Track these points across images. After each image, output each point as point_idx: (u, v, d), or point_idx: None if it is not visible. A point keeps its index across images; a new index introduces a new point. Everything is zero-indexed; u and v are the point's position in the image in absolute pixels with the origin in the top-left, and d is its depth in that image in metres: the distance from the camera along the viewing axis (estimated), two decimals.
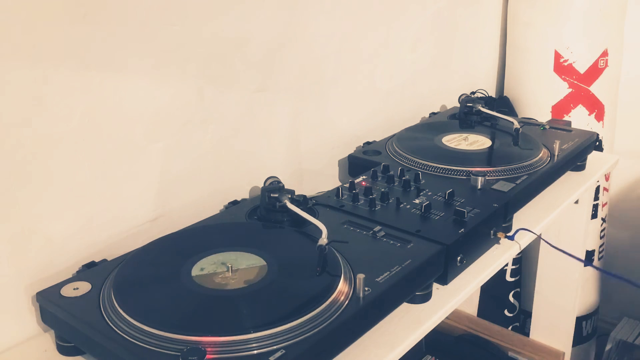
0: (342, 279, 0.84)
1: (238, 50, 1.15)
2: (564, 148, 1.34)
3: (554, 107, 1.84)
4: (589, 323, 2.04)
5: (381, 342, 0.84)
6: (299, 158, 1.34)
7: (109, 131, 0.98)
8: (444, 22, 1.70)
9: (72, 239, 0.96)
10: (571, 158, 1.34)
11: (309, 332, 0.75)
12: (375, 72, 1.50)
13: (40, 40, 0.86)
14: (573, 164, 1.38)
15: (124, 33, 0.96)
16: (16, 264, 0.90)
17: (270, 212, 1.04)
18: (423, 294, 0.93)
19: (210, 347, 0.71)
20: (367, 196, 1.10)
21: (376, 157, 1.31)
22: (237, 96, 1.17)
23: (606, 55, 1.82)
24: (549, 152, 1.31)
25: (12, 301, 0.90)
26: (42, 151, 0.90)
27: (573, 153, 1.34)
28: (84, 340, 0.80)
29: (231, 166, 1.19)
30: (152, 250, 0.94)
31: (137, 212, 1.05)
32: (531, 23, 1.84)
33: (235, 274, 0.86)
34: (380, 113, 1.54)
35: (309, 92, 1.33)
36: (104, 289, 0.85)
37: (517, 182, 1.18)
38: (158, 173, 1.07)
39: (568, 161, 1.33)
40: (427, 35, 1.65)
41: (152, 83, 1.02)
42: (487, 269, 1.03)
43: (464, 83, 1.85)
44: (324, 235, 0.89)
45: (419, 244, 0.95)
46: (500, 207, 1.08)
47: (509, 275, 1.96)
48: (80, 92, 0.93)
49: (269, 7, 1.19)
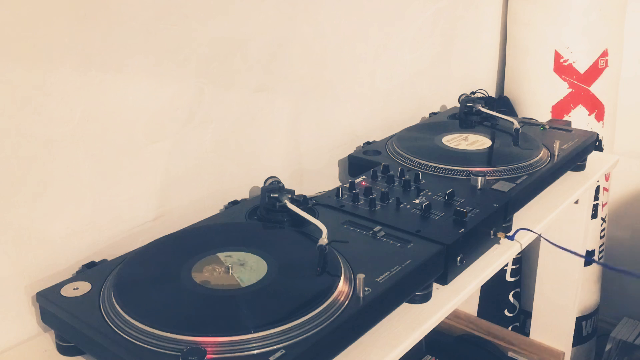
0: (342, 279, 0.84)
1: (238, 50, 1.15)
2: (564, 148, 1.34)
3: (554, 107, 1.84)
4: (589, 323, 2.04)
5: (381, 342, 0.84)
6: (299, 158, 1.34)
7: (109, 131, 0.98)
8: (444, 22, 1.70)
9: (72, 239, 0.96)
10: (571, 158, 1.34)
11: (309, 332, 0.75)
12: (376, 72, 1.50)
13: (40, 40, 0.86)
14: (573, 164, 1.38)
15: (124, 33, 0.96)
16: (16, 264, 0.90)
17: (270, 212, 1.04)
18: (423, 294, 0.93)
19: (210, 347, 0.71)
20: (367, 196, 1.10)
21: (376, 157, 1.31)
22: (237, 96, 1.17)
23: (606, 55, 1.82)
24: (549, 152, 1.31)
25: (12, 301, 0.90)
26: (42, 151, 0.90)
27: (573, 153, 1.34)
28: (84, 340, 0.80)
29: (231, 166, 1.19)
30: (152, 250, 0.94)
31: (137, 212, 1.05)
32: (531, 23, 1.84)
33: (235, 274, 0.86)
34: (380, 113, 1.54)
35: (308, 92, 1.33)
36: (104, 289, 0.85)
37: (517, 182, 1.18)
38: (158, 173, 1.07)
39: (568, 161, 1.33)
40: (427, 35, 1.65)
41: (152, 83, 1.02)
42: (487, 269, 1.03)
43: (464, 83, 1.85)
44: (324, 235, 0.89)
45: (419, 244, 0.95)
46: (500, 207, 1.08)
47: (509, 275, 1.96)
48: (80, 92, 0.93)
49: (269, 7, 1.19)
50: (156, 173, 1.06)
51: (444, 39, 1.72)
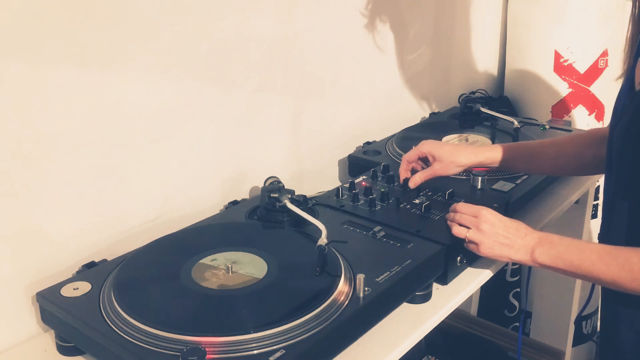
0: (342, 279, 0.84)
1: (238, 50, 1.15)
2: None
3: (554, 107, 1.84)
4: (589, 323, 2.04)
5: (381, 342, 0.84)
6: (299, 158, 1.34)
7: (109, 131, 0.98)
8: (444, 22, 1.70)
9: (72, 239, 0.96)
10: None
11: (309, 332, 0.75)
12: (375, 72, 1.50)
13: (40, 40, 0.86)
14: None
15: (124, 33, 0.96)
16: (16, 264, 0.90)
17: (270, 212, 1.04)
18: (423, 294, 0.93)
19: (210, 347, 0.71)
20: (367, 196, 1.10)
21: (376, 157, 1.31)
22: (237, 96, 1.17)
23: (606, 55, 1.81)
24: None
25: (12, 301, 0.90)
26: (42, 151, 0.90)
27: None
28: (84, 340, 0.80)
29: (231, 166, 1.19)
30: (152, 250, 0.94)
31: (137, 212, 1.05)
32: (531, 23, 1.83)
33: (235, 274, 0.86)
34: (380, 113, 1.54)
35: (308, 92, 1.33)
36: (104, 289, 0.85)
37: (517, 182, 1.18)
38: (158, 173, 1.07)
39: None
40: (427, 35, 1.65)
41: (152, 83, 1.02)
42: (487, 269, 1.03)
43: (464, 83, 1.85)
44: (323, 235, 0.89)
45: (419, 244, 0.95)
46: (500, 207, 1.08)
47: (509, 275, 1.96)
48: (80, 92, 0.93)
49: (269, 7, 1.19)
50: (156, 173, 1.06)
51: (444, 38, 1.72)
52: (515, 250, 0.91)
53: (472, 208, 0.96)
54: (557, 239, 0.90)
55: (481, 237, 0.93)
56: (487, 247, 0.93)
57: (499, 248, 0.92)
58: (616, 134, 0.90)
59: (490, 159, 1.12)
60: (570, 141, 1.12)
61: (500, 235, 0.92)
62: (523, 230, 0.92)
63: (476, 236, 0.93)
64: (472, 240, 0.94)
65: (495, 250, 0.92)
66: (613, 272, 0.83)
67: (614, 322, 0.95)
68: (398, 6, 1.51)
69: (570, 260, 0.87)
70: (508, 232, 0.92)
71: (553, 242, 0.90)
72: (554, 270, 0.90)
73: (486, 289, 1.76)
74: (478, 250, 0.94)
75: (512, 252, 0.92)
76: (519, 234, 0.92)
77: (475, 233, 0.93)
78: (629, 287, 0.83)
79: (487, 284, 1.07)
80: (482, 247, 0.93)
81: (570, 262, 0.87)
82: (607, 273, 0.84)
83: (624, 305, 0.92)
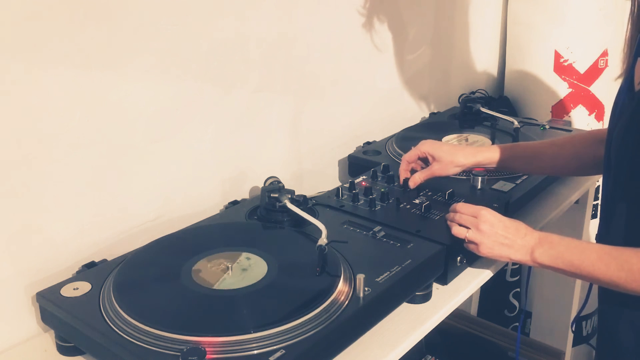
0: (342, 279, 0.84)
1: (238, 50, 1.15)
2: None
3: (554, 107, 1.84)
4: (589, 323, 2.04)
5: (381, 342, 0.84)
6: (299, 158, 1.34)
7: (109, 131, 0.98)
8: (443, 22, 1.70)
9: (72, 238, 0.96)
10: None
11: (309, 332, 0.75)
12: (375, 72, 1.50)
13: (40, 40, 0.86)
14: None
15: (125, 33, 0.96)
16: (16, 264, 0.90)
17: (270, 212, 1.04)
18: (423, 294, 0.93)
19: (210, 347, 0.71)
20: (367, 196, 1.10)
21: (376, 157, 1.31)
22: (237, 96, 1.17)
23: (606, 55, 1.81)
24: None
25: (12, 301, 0.90)
26: (42, 151, 0.90)
27: None
28: (84, 340, 0.80)
29: (231, 166, 1.19)
30: (152, 250, 0.94)
31: (137, 212, 1.05)
32: (531, 23, 1.83)
33: (235, 274, 0.86)
34: (380, 113, 1.54)
35: (308, 92, 1.33)
36: (104, 289, 0.85)
37: (517, 182, 1.18)
38: (158, 173, 1.07)
39: None
40: (427, 35, 1.65)
41: (152, 83, 1.02)
42: (487, 269, 1.03)
43: (464, 83, 1.85)
44: (323, 235, 0.89)
45: (419, 244, 0.95)
46: (500, 207, 1.08)
47: (509, 275, 1.96)
48: (80, 92, 0.93)
49: (269, 7, 1.19)
50: (156, 173, 1.06)
51: (444, 38, 1.72)
52: (515, 250, 0.91)
53: (471, 208, 0.96)
54: (557, 239, 0.90)
55: (481, 237, 0.93)
56: (486, 247, 0.93)
57: (499, 248, 0.92)
58: (615, 133, 0.90)
59: (489, 159, 1.12)
60: (570, 141, 1.12)
61: (500, 235, 0.92)
62: (523, 230, 0.92)
63: (476, 236, 0.93)
64: (472, 241, 0.94)
65: (495, 250, 0.92)
66: (613, 272, 0.83)
67: (613, 322, 0.95)
68: (398, 6, 1.51)
69: (570, 260, 0.87)
70: (508, 232, 0.92)
71: (553, 242, 0.90)
72: (553, 270, 0.90)
73: (486, 289, 1.76)
74: (478, 250, 0.94)
75: (512, 252, 0.92)
76: (518, 233, 0.92)
77: (475, 233, 0.93)
78: (629, 287, 0.83)
79: (487, 284, 1.07)
80: (482, 247, 0.93)
81: (570, 262, 0.87)
82: (607, 273, 0.84)
83: (623, 305, 0.92)
